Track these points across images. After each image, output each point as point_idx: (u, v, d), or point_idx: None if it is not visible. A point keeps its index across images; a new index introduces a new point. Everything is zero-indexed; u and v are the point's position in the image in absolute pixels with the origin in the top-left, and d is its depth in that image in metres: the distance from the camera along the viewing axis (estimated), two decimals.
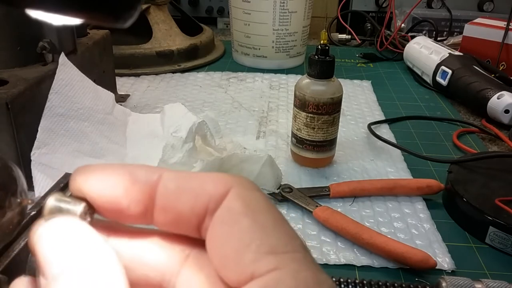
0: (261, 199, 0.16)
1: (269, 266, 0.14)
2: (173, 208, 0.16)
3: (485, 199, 0.46)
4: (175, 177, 0.17)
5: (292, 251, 0.15)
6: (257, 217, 0.15)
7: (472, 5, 1.14)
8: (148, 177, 0.16)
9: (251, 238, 0.15)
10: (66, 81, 0.51)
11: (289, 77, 0.87)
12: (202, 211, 0.16)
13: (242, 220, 0.15)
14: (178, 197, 0.16)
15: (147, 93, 0.78)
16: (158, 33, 0.89)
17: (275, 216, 0.16)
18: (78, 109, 0.52)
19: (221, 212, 0.16)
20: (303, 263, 0.15)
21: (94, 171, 0.17)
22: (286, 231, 0.16)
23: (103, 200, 0.16)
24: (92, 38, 0.65)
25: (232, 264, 0.15)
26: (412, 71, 0.92)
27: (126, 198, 0.16)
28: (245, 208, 0.16)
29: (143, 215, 0.17)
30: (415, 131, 0.68)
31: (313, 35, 1.08)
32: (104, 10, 0.15)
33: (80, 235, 0.15)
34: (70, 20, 0.15)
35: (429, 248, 0.43)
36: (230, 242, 0.15)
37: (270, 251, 0.15)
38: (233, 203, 0.16)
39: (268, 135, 0.64)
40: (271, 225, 0.15)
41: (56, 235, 0.15)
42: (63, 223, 0.16)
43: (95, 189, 0.16)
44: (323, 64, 0.52)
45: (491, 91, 0.71)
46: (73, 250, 0.15)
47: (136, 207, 0.16)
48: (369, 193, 0.51)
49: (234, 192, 0.16)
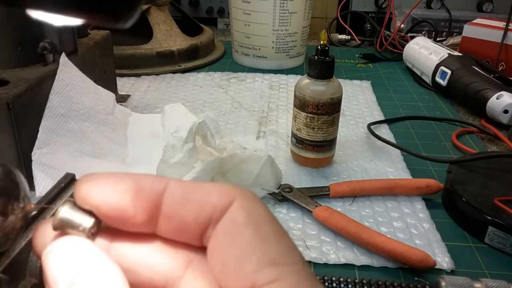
0: (264, 211, 0.17)
1: (269, 277, 0.15)
2: (178, 217, 0.17)
3: (484, 199, 0.46)
4: (181, 186, 0.17)
5: (292, 263, 0.15)
6: (259, 228, 0.16)
7: (471, 6, 1.14)
8: (155, 186, 0.17)
9: (252, 248, 0.15)
10: (67, 82, 0.51)
11: (289, 77, 0.87)
12: (206, 220, 0.16)
13: (244, 231, 0.16)
14: (183, 206, 0.16)
15: (148, 93, 0.78)
16: (159, 33, 0.89)
17: (276, 228, 0.16)
18: (79, 109, 0.52)
19: (225, 222, 0.16)
20: (303, 276, 0.15)
21: (100, 180, 0.17)
22: (287, 243, 0.16)
23: (109, 208, 0.16)
24: (92, 38, 0.65)
25: (233, 273, 0.15)
26: (412, 72, 0.92)
27: (133, 207, 0.16)
28: (247, 219, 0.16)
29: (148, 223, 0.17)
30: (414, 131, 0.68)
31: (313, 35, 1.08)
32: (105, 11, 0.15)
33: (88, 255, 0.16)
34: (71, 21, 0.15)
35: (428, 247, 0.43)
36: (232, 252, 0.15)
37: (271, 263, 0.15)
38: (237, 214, 0.16)
39: (268, 135, 0.65)
40: (272, 237, 0.16)
41: (65, 254, 0.16)
42: (72, 243, 0.16)
43: (101, 198, 0.16)
44: (323, 64, 0.52)
45: (490, 91, 0.71)
46: (80, 270, 0.15)
47: (142, 215, 0.17)
48: (368, 193, 0.51)
49: (238, 203, 0.16)
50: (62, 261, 0.16)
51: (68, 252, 0.16)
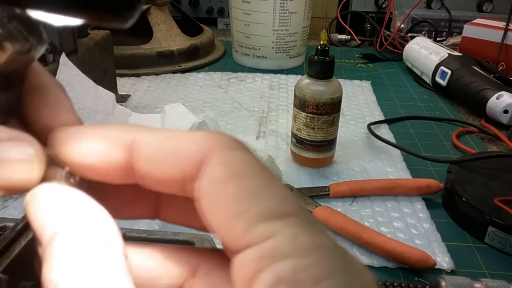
0: (247, 159, 0.15)
1: (263, 234, 0.13)
2: (151, 175, 0.15)
3: (484, 199, 0.46)
4: (151, 140, 0.15)
5: (286, 214, 0.14)
6: (244, 181, 0.14)
7: (471, 6, 1.14)
8: (123, 140, 0.16)
9: (239, 206, 0.14)
10: (67, 82, 0.51)
11: (289, 78, 0.87)
12: (180, 178, 0.15)
13: (227, 189, 0.14)
14: (154, 163, 0.15)
15: (148, 93, 0.78)
16: (159, 33, 0.89)
17: (263, 178, 0.14)
18: (78, 109, 0.52)
19: (204, 181, 0.14)
20: (300, 226, 0.14)
21: (72, 134, 0.16)
22: (278, 193, 0.14)
23: (81, 162, 0.16)
24: (92, 38, 0.65)
25: (226, 238, 0.14)
26: (412, 72, 0.92)
27: (103, 163, 0.16)
28: (229, 173, 0.14)
29: (125, 177, 0.16)
30: (414, 131, 0.68)
31: (313, 35, 1.08)
32: (105, 11, 0.15)
33: (69, 196, 0.15)
34: (71, 21, 0.15)
35: (428, 247, 0.43)
36: (218, 214, 0.14)
37: (262, 218, 0.13)
38: (215, 171, 0.14)
39: (268, 135, 0.65)
40: (260, 189, 0.14)
41: (46, 199, 0.15)
42: (57, 187, 0.15)
43: (72, 153, 0.16)
44: (323, 64, 0.52)
45: (490, 91, 0.71)
46: (65, 211, 0.15)
47: (115, 172, 0.16)
48: (368, 193, 0.51)
49: (216, 155, 0.14)
50: (48, 205, 0.15)
51: (54, 196, 0.15)
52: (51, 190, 0.15)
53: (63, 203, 0.15)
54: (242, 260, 0.13)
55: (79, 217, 0.14)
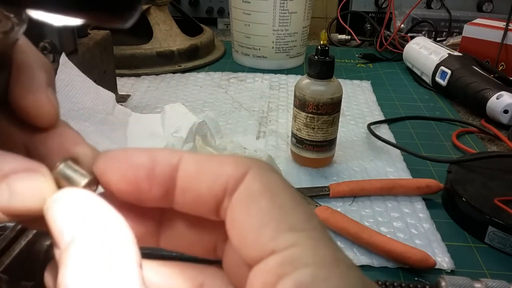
0: (279, 180, 0.17)
1: (288, 242, 0.15)
2: (193, 190, 0.16)
3: (484, 199, 0.46)
4: (195, 159, 0.17)
5: (311, 229, 0.15)
6: (276, 197, 0.16)
7: (471, 6, 1.14)
8: (169, 160, 0.17)
9: (270, 216, 0.15)
10: (67, 82, 0.51)
11: (289, 78, 0.87)
12: (221, 191, 0.16)
13: (260, 200, 0.16)
14: (197, 178, 0.16)
15: (148, 93, 0.78)
16: (159, 33, 0.89)
17: (293, 196, 0.16)
18: (78, 109, 0.52)
19: (240, 193, 0.16)
20: (322, 241, 0.15)
21: (117, 155, 0.17)
22: (304, 210, 0.16)
23: (126, 183, 0.16)
24: (92, 38, 0.65)
25: (251, 242, 0.15)
26: (412, 72, 0.92)
27: (148, 181, 0.16)
28: (263, 188, 0.16)
29: (164, 197, 0.17)
30: (414, 131, 0.68)
31: (313, 35, 1.08)
32: (105, 11, 0.15)
33: (88, 203, 0.16)
34: (71, 21, 0.15)
35: (428, 247, 0.43)
36: (249, 221, 0.15)
37: (289, 229, 0.15)
38: (252, 184, 0.16)
39: (268, 135, 0.65)
40: (289, 205, 0.16)
41: (66, 204, 0.16)
42: (78, 193, 0.16)
43: (117, 174, 0.16)
44: (323, 64, 0.52)
45: (490, 91, 0.71)
46: (84, 217, 0.15)
47: (157, 190, 0.17)
48: (368, 193, 0.51)
49: (253, 173, 0.16)
50: (68, 211, 0.15)
51: (74, 202, 0.16)
52: (72, 195, 0.16)
53: (82, 209, 0.15)
54: (265, 266, 0.15)
55: (97, 223, 0.15)
